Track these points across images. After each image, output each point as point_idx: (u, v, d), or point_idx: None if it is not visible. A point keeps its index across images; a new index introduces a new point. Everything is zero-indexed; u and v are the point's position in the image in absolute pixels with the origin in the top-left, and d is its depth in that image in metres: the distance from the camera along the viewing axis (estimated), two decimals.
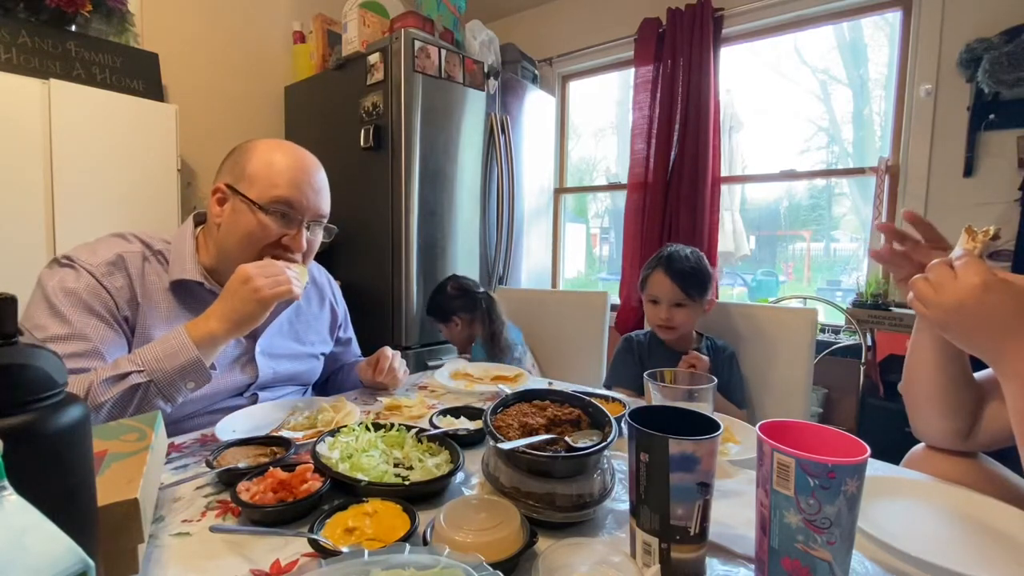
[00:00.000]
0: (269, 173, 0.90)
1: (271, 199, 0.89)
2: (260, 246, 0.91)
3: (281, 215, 0.91)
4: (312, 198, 0.93)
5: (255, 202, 0.89)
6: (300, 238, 0.93)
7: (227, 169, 0.93)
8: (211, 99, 2.42)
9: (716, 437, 0.48)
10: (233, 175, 0.92)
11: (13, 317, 0.37)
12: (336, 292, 1.24)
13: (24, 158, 1.64)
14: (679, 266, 1.29)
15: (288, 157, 0.93)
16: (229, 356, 0.95)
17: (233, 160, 0.93)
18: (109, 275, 0.85)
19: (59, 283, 0.82)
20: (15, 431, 0.34)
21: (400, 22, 2.18)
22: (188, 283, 0.91)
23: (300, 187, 0.91)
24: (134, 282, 0.87)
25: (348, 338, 1.27)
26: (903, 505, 0.65)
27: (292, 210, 0.91)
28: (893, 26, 2.21)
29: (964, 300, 0.57)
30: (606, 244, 3.61)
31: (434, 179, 2.13)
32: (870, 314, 1.94)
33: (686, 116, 2.44)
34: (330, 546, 0.50)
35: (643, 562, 0.50)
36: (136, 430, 0.62)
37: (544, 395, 0.73)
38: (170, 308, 0.90)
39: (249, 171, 0.90)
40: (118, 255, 0.87)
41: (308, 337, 1.11)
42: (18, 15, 1.74)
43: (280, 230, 0.91)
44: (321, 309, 1.17)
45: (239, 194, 0.90)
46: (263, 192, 0.89)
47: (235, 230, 0.90)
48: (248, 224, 0.89)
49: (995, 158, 1.89)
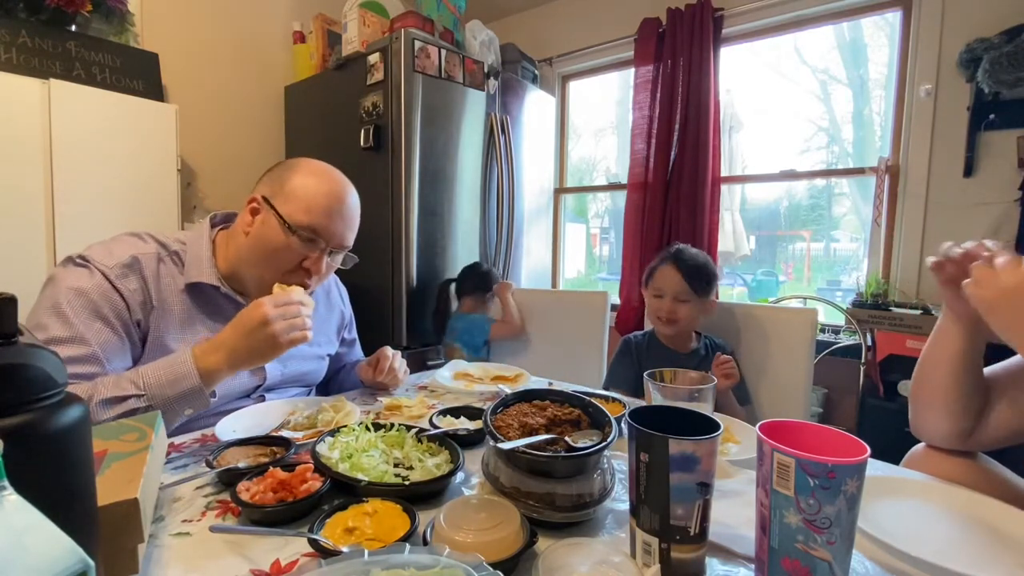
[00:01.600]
0: (306, 196, 0.91)
1: (301, 223, 0.90)
2: (282, 267, 0.92)
3: (307, 240, 0.91)
4: (340, 229, 0.95)
5: (286, 221, 0.90)
6: (320, 264, 0.94)
7: (267, 181, 0.94)
8: (211, 99, 2.42)
9: (716, 437, 0.49)
10: (272, 189, 0.92)
11: (13, 317, 0.37)
12: (343, 294, 1.25)
13: (24, 158, 1.64)
14: (689, 260, 1.32)
15: (328, 184, 0.94)
16: None
17: (276, 174, 0.94)
18: (123, 277, 0.85)
19: (71, 283, 0.82)
20: (15, 431, 0.34)
21: (400, 22, 2.18)
22: (203, 286, 0.91)
23: (331, 216, 0.93)
24: (148, 284, 0.87)
25: (352, 339, 1.28)
26: (903, 505, 0.65)
27: (319, 237, 0.92)
28: (893, 26, 2.21)
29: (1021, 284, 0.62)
30: (606, 244, 3.60)
31: (434, 179, 2.13)
32: (870, 314, 1.94)
33: (686, 116, 2.44)
34: (330, 546, 0.50)
35: (643, 562, 0.50)
36: (136, 430, 0.62)
37: (544, 395, 0.73)
38: (184, 310, 0.90)
39: (287, 189, 0.91)
40: (133, 257, 0.87)
41: (316, 338, 1.11)
42: (18, 15, 1.74)
43: (302, 252, 0.92)
44: (329, 311, 1.18)
45: (274, 209, 0.91)
46: (296, 213, 0.90)
47: (261, 244, 0.91)
48: (275, 241, 0.90)
49: (995, 158, 1.89)
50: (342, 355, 1.25)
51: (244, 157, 2.52)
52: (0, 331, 0.36)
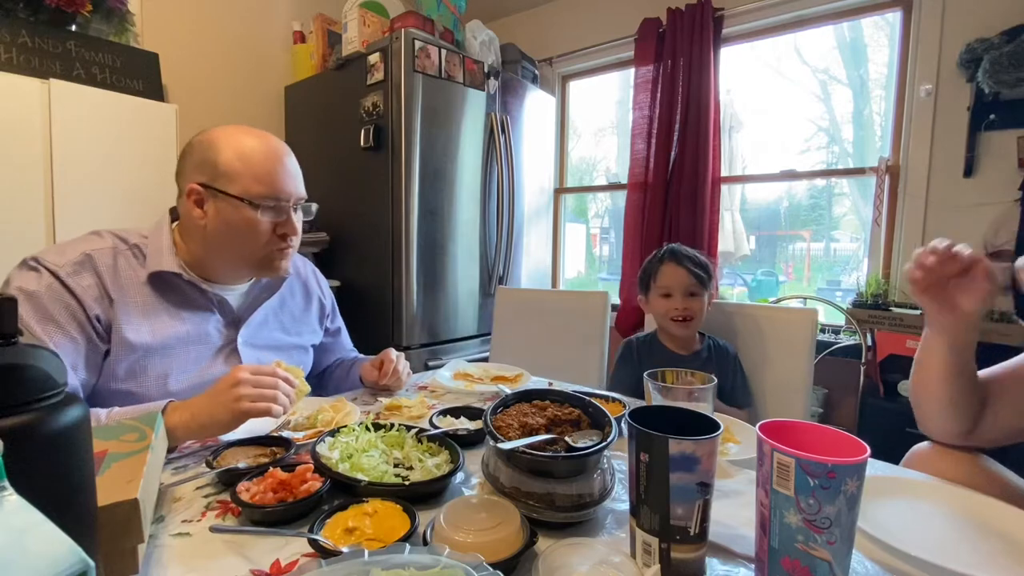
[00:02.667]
0: (247, 167, 0.88)
1: (260, 194, 0.88)
2: (260, 241, 0.91)
3: (272, 208, 0.90)
4: (294, 183, 0.93)
5: (244, 199, 0.88)
6: (294, 223, 0.94)
7: (193, 168, 0.90)
8: (211, 99, 2.42)
9: (716, 437, 0.49)
10: (204, 174, 0.89)
11: (13, 317, 0.37)
12: (322, 283, 1.23)
13: (24, 158, 1.64)
14: (688, 254, 1.32)
15: (260, 146, 0.91)
16: (213, 347, 0.95)
17: (198, 158, 0.90)
18: (75, 275, 0.83)
19: (19, 285, 0.80)
20: (15, 431, 0.34)
21: (400, 22, 2.18)
22: (166, 275, 0.90)
23: (281, 176, 0.91)
24: (104, 279, 0.85)
25: (337, 328, 1.26)
26: (903, 505, 0.65)
27: (280, 200, 0.91)
28: (893, 26, 2.20)
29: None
30: (606, 244, 3.60)
31: (434, 179, 2.13)
32: (870, 314, 1.94)
33: (686, 116, 2.43)
34: (330, 546, 0.50)
35: (643, 562, 0.50)
36: (136, 430, 0.62)
37: (544, 395, 0.73)
38: (146, 301, 0.88)
39: (222, 168, 0.88)
40: (85, 254, 0.85)
41: (295, 328, 1.11)
42: (18, 15, 1.74)
43: (273, 221, 0.91)
44: (307, 301, 1.16)
45: (220, 192, 0.88)
46: (249, 187, 0.88)
47: (228, 229, 0.89)
48: (239, 223, 0.88)
49: (995, 158, 1.89)
50: (328, 345, 1.23)
51: None
52: (0, 331, 0.36)
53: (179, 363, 0.89)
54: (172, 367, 0.88)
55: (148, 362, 0.86)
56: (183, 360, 0.90)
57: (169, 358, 0.88)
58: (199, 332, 0.93)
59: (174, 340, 0.89)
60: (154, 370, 0.87)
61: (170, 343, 0.88)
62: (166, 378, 0.87)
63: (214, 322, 0.95)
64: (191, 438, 0.77)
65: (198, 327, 0.93)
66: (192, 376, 0.90)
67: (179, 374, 0.89)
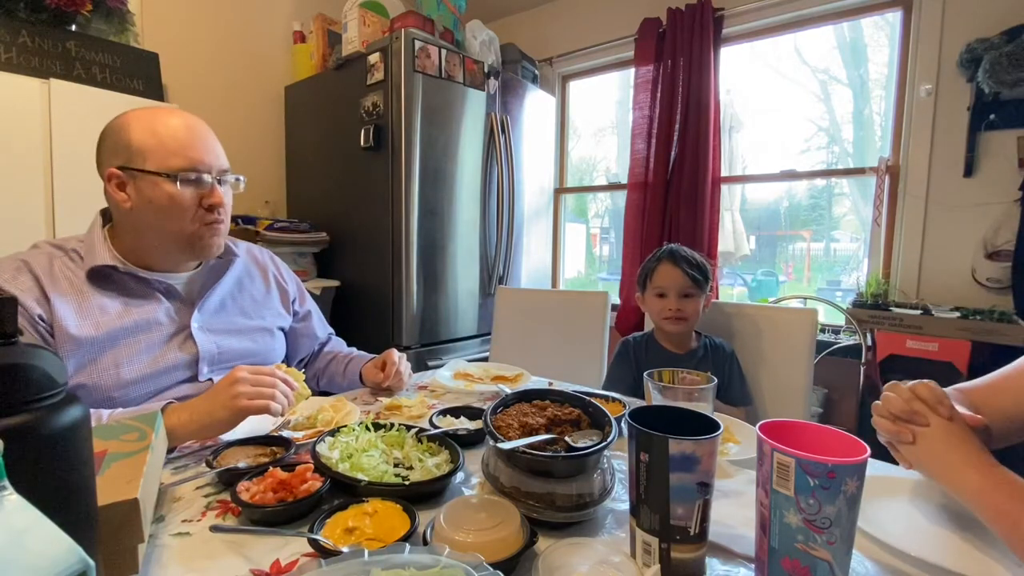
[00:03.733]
0: (161, 141, 0.88)
1: (179, 167, 0.88)
2: (185, 216, 0.91)
3: (193, 180, 0.90)
4: (212, 153, 0.93)
5: (163, 173, 0.88)
6: (219, 194, 0.93)
7: (109, 153, 0.91)
8: (211, 99, 2.42)
9: (716, 437, 0.49)
10: (120, 157, 0.89)
11: (13, 317, 0.37)
12: (281, 268, 1.22)
13: (24, 158, 1.64)
14: (686, 255, 1.33)
15: (171, 121, 0.91)
16: (164, 334, 0.94)
17: (112, 142, 0.91)
18: (13, 280, 0.85)
19: None
20: (15, 431, 0.34)
21: (400, 22, 2.17)
22: (104, 269, 0.90)
23: (197, 147, 0.91)
24: (42, 280, 0.86)
25: (307, 311, 1.25)
26: (903, 505, 0.65)
27: (200, 171, 0.91)
28: (893, 26, 2.20)
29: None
30: (606, 244, 3.60)
31: (434, 179, 2.13)
32: (870, 314, 1.94)
33: (686, 116, 2.43)
34: (330, 546, 0.50)
35: (643, 562, 0.50)
36: (136, 430, 0.62)
37: (544, 395, 0.73)
38: (87, 297, 0.89)
39: (136, 147, 0.88)
40: (22, 260, 0.87)
41: (257, 312, 1.10)
42: (18, 15, 1.74)
43: (196, 193, 0.91)
44: (267, 286, 1.16)
45: (139, 171, 0.88)
46: (162, 163, 0.88)
47: (152, 207, 0.89)
48: (161, 199, 0.89)
49: (995, 158, 1.89)
50: (300, 330, 1.22)
51: (244, 157, 2.52)
52: (0, 331, 0.36)
53: (128, 352, 0.89)
54: (121, 357, 0.88)
55: (97, 355, 0.87)
56: (132, 349, 0.90)
57: (117, 348, 0.88)
58: (147, 320, 0.92)
59: (119, 331, 0.89)
60: (104, 361, 0.87)
61: (116, 334, 0.88)
62: (118, 368, 0.88)
63: (164, 310, 0.95)
64: (191, 438, 0.77)
65: (146, 316, 0.93)
66: (145, 364, 0.90)
67: (130, 363, 0.89)
